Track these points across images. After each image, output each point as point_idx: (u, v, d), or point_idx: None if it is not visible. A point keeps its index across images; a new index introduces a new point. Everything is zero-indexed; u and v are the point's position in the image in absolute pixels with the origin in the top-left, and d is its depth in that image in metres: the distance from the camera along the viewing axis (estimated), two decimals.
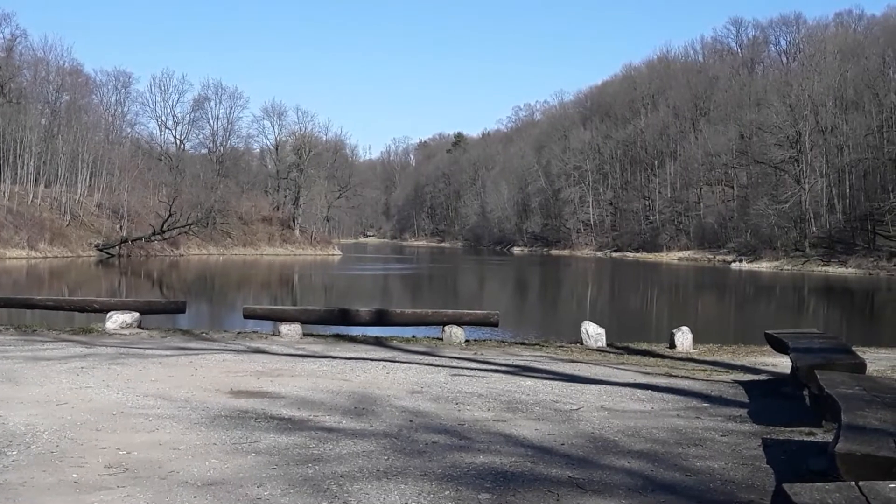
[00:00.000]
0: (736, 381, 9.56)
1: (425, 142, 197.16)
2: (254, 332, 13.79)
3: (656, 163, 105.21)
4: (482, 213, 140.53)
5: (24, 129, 68.67)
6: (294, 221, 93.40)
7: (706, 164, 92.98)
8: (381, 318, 13.57)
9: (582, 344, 13.27)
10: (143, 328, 12.85)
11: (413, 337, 13.52)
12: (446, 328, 13.05)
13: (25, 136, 68.20)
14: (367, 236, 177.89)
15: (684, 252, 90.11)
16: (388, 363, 10.06)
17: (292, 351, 11.01)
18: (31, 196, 66.29)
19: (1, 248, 57.53)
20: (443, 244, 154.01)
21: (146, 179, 79.69)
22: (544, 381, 9.04)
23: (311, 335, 13.06)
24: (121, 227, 69.42)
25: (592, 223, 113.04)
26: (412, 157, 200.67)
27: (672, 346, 13.18)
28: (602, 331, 13.47)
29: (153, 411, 6.50)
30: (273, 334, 13.00)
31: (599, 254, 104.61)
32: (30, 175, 68.32)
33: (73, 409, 6.42)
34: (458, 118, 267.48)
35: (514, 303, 38.32)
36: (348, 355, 10.73)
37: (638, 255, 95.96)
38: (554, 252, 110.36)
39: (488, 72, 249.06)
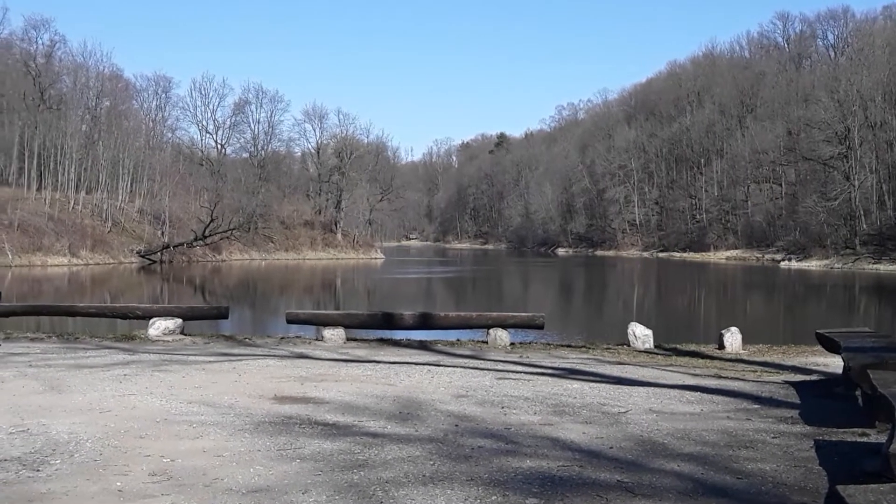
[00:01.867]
0: (787, 382, 9.38)
1: (467, 143, 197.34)
2: (297, 336, 13.79)
3: (702, 161, 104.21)
4: (526, 214, 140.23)
5: (65, 135, 69.15)
6: (336, 225, 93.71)
7: (753, 162, 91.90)
8: (424, 322, 13.51)
9: (629, 346, 13.13)
10: (185, 334, 12.91)
11: (457, 340, 13.45)
12: (491, 331, 12.96)
13: (66, 142, 68.70)
14: (410, 239, 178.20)
15: (732, 251, 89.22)
16: (433, 367, 10.00)
17: (336, 356, 10.99)
18: (73, 203, 66.83)
19: (43, 256, 58.16)
20: (486, 246, 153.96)
21: (187, 185, 79.83)
22: (591, 384, 8.93)
23: (355, 340, 13.05)
24: (162, 233, 69.78)
25: (638, 223, 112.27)
26: (454, 159, 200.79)
27: (721, 346, 12.99)
28: (649, 332, 13.31)
29: (197, 418, 6.49)
30: (316, 339, 13.00)
31: (645, 254, 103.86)
32: (71, 182, 68.68)
33: (117, 417, 6.42)
34: (501, 118, 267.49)
35: (559, 305, 38.11)
36: (392, 359, 10.68)
37: (685, 254, 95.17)
38: (599, 253, 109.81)
39: (531, 71, 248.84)
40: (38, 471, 4.88)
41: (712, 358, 11.98)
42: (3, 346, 11.02)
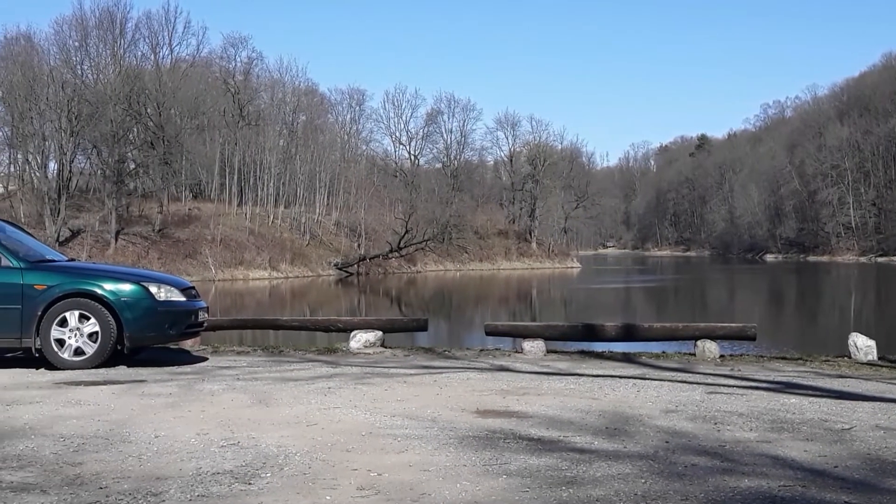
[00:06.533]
0: None
1: (666, 146, 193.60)
2: (496, 349, 13.74)
3: None
4: (730, 218, 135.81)
5: (264, 150, 72.47)
6: (530, 234, 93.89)
7: None
8: (628, 333, 13.16)
9: (849, 357, 12.32)
10: (386, 347, 13.07)
11: (663, 353, 13.01)
12: (699, 343, 12.45)
13: (265, 157, 71.99)
14: (607, 247, 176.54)
15: None
16: (638, 380, 9.68)
17: (536, 368, 10.85)
18: (272, 217, 69.95)
19: (244, 269, 61.19)
20: (688, 253, 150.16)
21: (382, 196, 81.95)
22: (810, 399, 8.41)
23: (555, 352, 12.85)
24: (359, 245, 71.89)
25: (854, 226, 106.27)
26: (652, 163, 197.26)
27: None
28: (872, 343, 12.44)
29: (401, 431, 6.51)
30: (515, 351, 12.90)
31: (863, 259, 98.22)
32: (270, 196, 71.83)
33: (323, 430, 6.52)
34: (701, 119, 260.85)
35: (769, 314, 36.62)
36: (595, 372, 10.44)
37: None
38: (811, 258, 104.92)
39: (733, 69, 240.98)
40: (249, 484, 4.99)
41: None
42: (212, 359, 11.48)
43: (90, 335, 10.13)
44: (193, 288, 11.45)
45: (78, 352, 10.13)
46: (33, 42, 65.33)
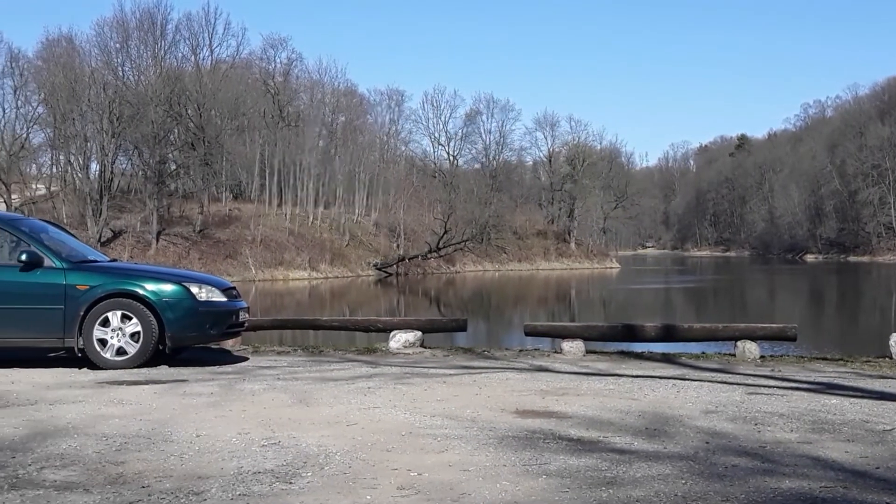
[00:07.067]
0: None
1: (706, 146, 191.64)
2: (535, 349, 13.73)
3: None
4: (770, 219, 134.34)
5: (303, 151, 72.68)
6: (569, 234, 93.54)
7: None
8: (667, 334, 13.07)
9: (891, 358, 12.15)
10: (425, 347, 13.09)
11: (703, 353, 12.93)
12: (739, 343, 12.35)
13: (304, 158, 72.20)
14: (646, 247, 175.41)
15: None
16: (678, 381, 9.62)
17: (576, 369, 10.82)
18: (311, 217, 70.14)
19: (284, 270, 61.44)
20: (728, 253, 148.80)
21: (421, 197, 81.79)
22: (851, 399, 8.33)
23: (594, 352, 12.82)
24: (398, 246, 71.93)
25: (895, 226, 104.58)
26: (692, 163, 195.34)
27: None
28: None
29: (441, 431, 6.52)
30: (555, 351, 12.87)
31: None
32: (309, 197, 71.98)
33: (363, 430, 6.54)
34: (741, 119, 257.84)
35: (809, 315, 36.21)
36: (634, 373, 10.39)
37: None
38: (852, 259, 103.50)
39: (773, 68, 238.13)
40: (290, 483, 5.03)
41: None
42: (252, 359, 11.55)
43: (132, 335, 10.24)
44: (234, 288, 11.51)
45: (120, 351, 10.25)
46: (75, 44, 66.25)
